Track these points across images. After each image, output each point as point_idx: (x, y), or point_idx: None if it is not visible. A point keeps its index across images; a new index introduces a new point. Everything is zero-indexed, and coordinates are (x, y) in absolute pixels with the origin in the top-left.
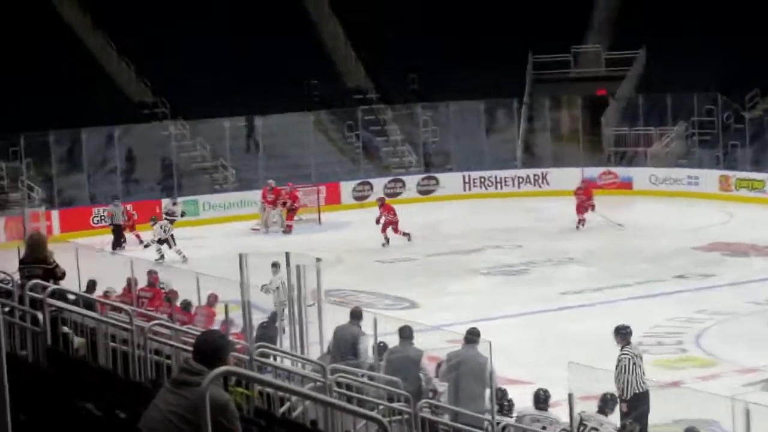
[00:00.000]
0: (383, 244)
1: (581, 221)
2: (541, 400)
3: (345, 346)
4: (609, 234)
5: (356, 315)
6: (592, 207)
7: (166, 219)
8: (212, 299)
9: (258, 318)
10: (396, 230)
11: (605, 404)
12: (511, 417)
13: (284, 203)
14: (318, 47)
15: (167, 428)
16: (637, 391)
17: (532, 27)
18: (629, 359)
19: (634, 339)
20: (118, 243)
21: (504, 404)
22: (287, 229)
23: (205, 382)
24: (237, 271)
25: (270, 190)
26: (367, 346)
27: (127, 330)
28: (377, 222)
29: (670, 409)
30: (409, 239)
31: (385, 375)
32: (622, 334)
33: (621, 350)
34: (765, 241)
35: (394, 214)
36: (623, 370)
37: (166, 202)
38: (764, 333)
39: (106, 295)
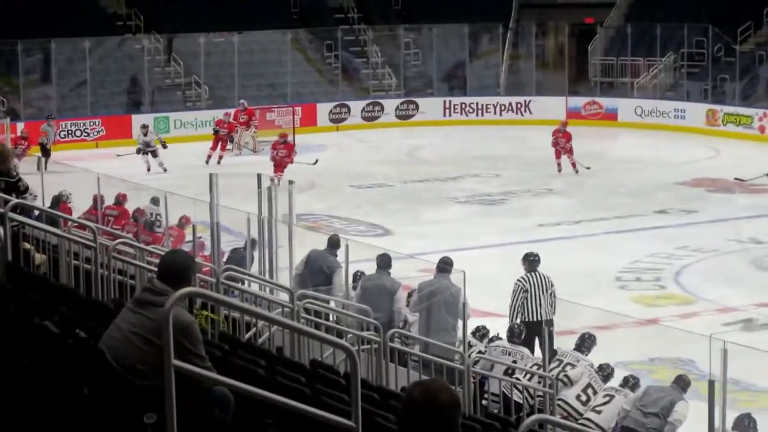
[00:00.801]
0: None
1: (559, 165)
2: (515, 334)
3: (319, 274)
4: (592, 165)
5: (334, 243)
6: (569, 151)
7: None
8: (184, 221)
9: (227, 241)
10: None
11: (582, 342)
12: (482, 344)
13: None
14: None
15: (128, 348)
16: (527, 320)
17: None
18: (519, 287)
19: (612, 274)
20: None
21: (479, 330)
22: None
23: (168, 302)
24: (206, 192)
25: (242, 110)
26: (342, 279)
27: (90, 248)
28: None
29: (647, 347)
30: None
31: (355, 303)
32: (528, 261)
33: (540, 273)
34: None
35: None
36: (513, 296)
37: (137, 135)
38: (745, 272)
39: (63, 202)
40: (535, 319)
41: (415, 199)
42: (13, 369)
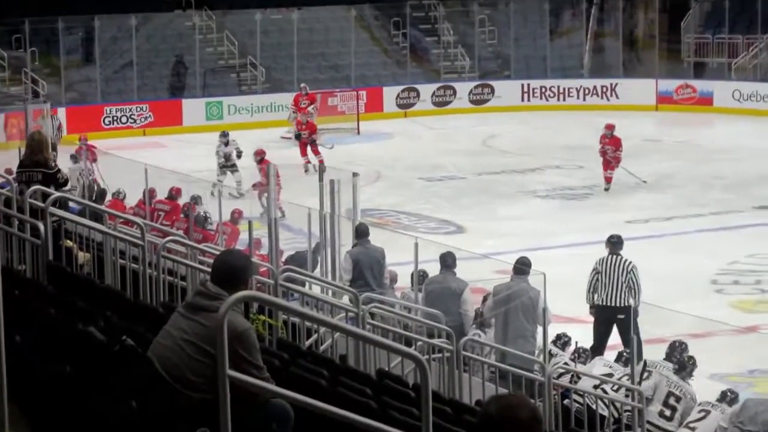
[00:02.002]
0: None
1: (608, 181)
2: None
3: (377, 267)
4: (683, 156)
5: (363, 232)
6: (618, 161)
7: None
8: (236, 215)
9: (286, 239)
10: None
11: (672, 351)
12: (565, 354)
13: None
14: None
15: (179, 357)
16: (599, 303)
17: None
18: (594, 267)
19: (707, 277)
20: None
21: (561, 339)
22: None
23: (223, 307)
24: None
25: (304, 95)
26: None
27: (137, 246)
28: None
29: (746, 358)
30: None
31: (424, 307)
32: (611, 243)
33: (621, 256)
34: None
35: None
36: (633, 280)
37: (218, 145)
38: None
39: (116, 198)
40: (605, 303)
41: (490, 193)
42: (56, 379)
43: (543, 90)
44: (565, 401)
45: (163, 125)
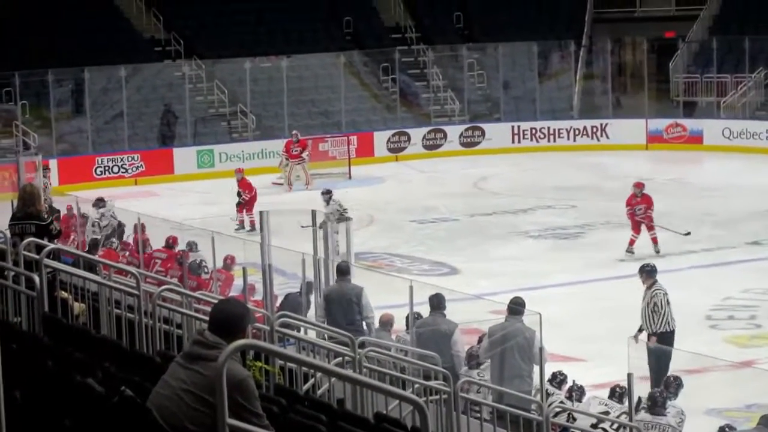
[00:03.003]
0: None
1: (655, 241)
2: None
3: (347, 305)
4: (675, 194)
5: (343, 271)
6: (650, 220)
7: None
8: (229, 261)
9: (280, 283)
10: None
11: (667, 387)
12: (562, 392)
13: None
14: None
15: (178, 407)
16: (667, 330)
17: None
18: (664, 294)
19: (701, 312)
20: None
21: (556, 377)
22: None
23: (222, 356)
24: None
25: (295, 142)
26: (369, 301)
27: (133, 295)
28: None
29: (743, 393)
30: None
31: (419, 349)
32: (647, 271)
33: (651, 287)
34: None
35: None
36: (658, 306)
37: (327, 203)
38: None
39: (108, 248)
40: (672, 329)
41: (482, 234)
42: None
43: (533, 131)
44: None
45: (154, 174)
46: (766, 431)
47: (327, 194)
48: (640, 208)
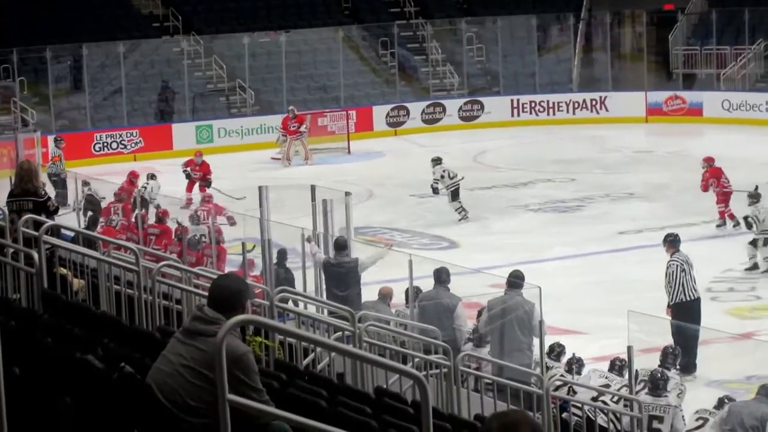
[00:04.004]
0: None
1: (732, 217)
2: (615, 367)
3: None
4: (675, 166)
5: (341, 245)
6: (725, 195)
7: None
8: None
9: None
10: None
11: (665, 358)
12: (560, 363)
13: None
14: None
15: (178, 383)
16: (684, 299)
17: None
18: (678, 266)
19: (702, 285)
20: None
21: (554, 350)
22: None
23: (221, 332)
24: (256, 206)
25: (293, 117)
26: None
27: (132, 271)
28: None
29: (743, 364)
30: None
31: (419, 324)
32: (670, 241)
33: (671, 257)
34: None
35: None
36: (671, 277)
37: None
38: None
39: (109, 225)
40: (692, 297)
41: (482, 208)
42: (55, 409)
43: (533, 105)
44: (564, 414)
45: (153, 150)
46: (765, 401)
47: (437, 161)
48: (712, 182)
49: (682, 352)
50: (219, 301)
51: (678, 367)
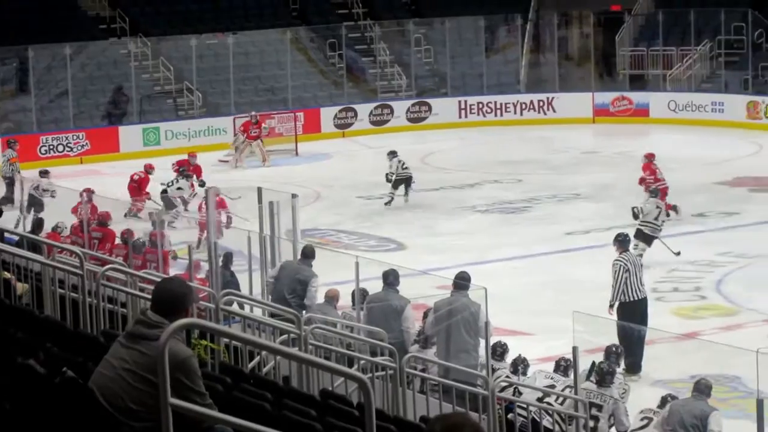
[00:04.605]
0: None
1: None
2: (560, 368)
3: (293, 284)
4: (621, 166)
5: (308, 254)
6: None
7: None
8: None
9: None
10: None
11: (608, 356)
12: (505, 363)
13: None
14: None
15: (121, 387)
16: (627, 300)
17: None
18: (621, 266)
19: (647, 285)
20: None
21: (496, 350)
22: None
23: (163, 335)
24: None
25: (254, 123)
26: (317, 290)
27: (77, 275)
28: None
29: (688, 364)
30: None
31: (366, 325)
32: (620, 241)
33: (618, 256)
34: None
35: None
36: (615, 276)
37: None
38: None
39: (55, 231)
40: (636, 298)
41: (430, 209)
42: None
43: (480, 106)
44: (510, 415)
45: (100, 152)
46: (701, 397)
47: (392, 154)
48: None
49: (628, 352)
50: (162, 304)
51: (621, 366)
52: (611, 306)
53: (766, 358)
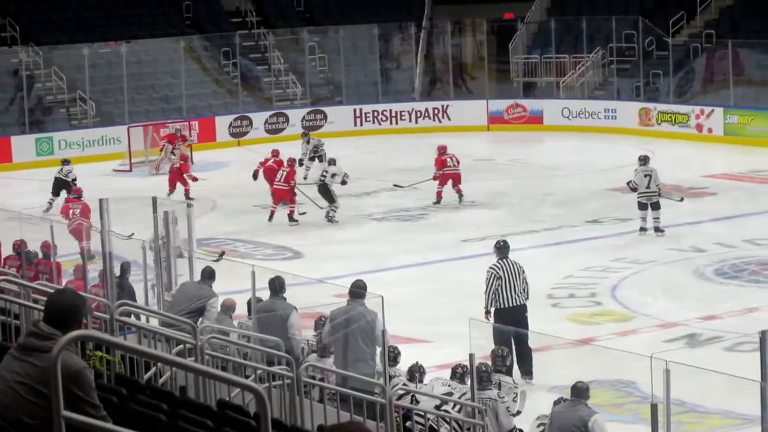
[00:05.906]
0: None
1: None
2: (458, 375)
3: (191, 302)
4: (516, 173)
5: (208, 275)
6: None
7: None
8: (46, 249)
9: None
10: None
11: (494, 359)
12: (398, 369)
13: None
14: None
15: (13, 400)
16: (499, 306)
17: None
18: (492, 274)
19: (543, 291)
20: None
21: (389, 355)
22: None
23: (56, 347)
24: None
25: (179, 136)
26: (216, 309)
27: None
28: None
29: (583, 370)
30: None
31: (263, 335)
32: (498, 248)
33: (510, 260)
34: (690, 181)
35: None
36: (486, 283)
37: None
38: (687, 283)
39: None
40: (509, 305)
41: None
42: None
43: (375, 114)
44: (408, 423)
45: None
46: (580, 402)
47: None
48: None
49: (519, 359)
50: (55, 316)
51: (505, 368)
52: (487, 312)
53: (659, 363)
